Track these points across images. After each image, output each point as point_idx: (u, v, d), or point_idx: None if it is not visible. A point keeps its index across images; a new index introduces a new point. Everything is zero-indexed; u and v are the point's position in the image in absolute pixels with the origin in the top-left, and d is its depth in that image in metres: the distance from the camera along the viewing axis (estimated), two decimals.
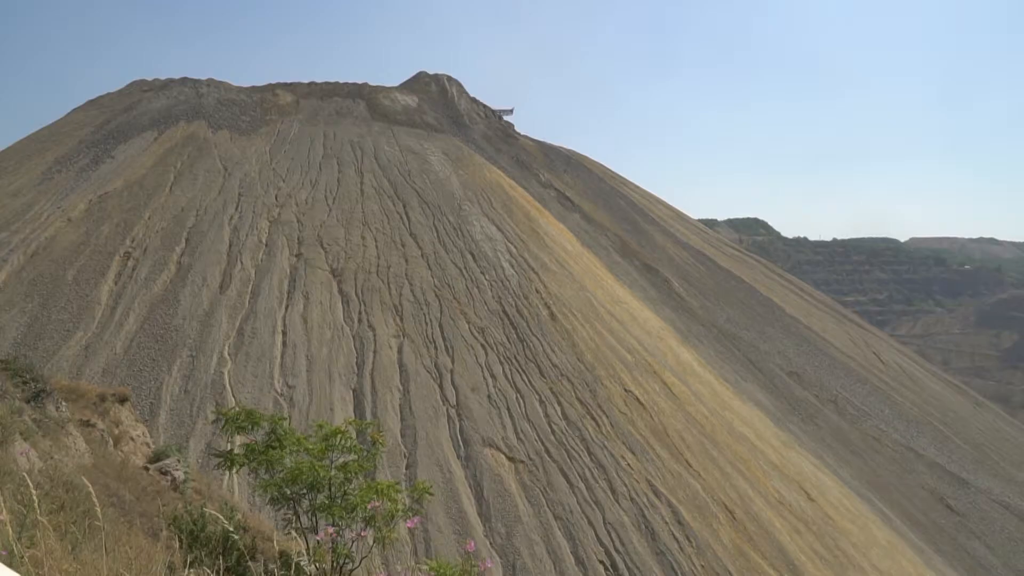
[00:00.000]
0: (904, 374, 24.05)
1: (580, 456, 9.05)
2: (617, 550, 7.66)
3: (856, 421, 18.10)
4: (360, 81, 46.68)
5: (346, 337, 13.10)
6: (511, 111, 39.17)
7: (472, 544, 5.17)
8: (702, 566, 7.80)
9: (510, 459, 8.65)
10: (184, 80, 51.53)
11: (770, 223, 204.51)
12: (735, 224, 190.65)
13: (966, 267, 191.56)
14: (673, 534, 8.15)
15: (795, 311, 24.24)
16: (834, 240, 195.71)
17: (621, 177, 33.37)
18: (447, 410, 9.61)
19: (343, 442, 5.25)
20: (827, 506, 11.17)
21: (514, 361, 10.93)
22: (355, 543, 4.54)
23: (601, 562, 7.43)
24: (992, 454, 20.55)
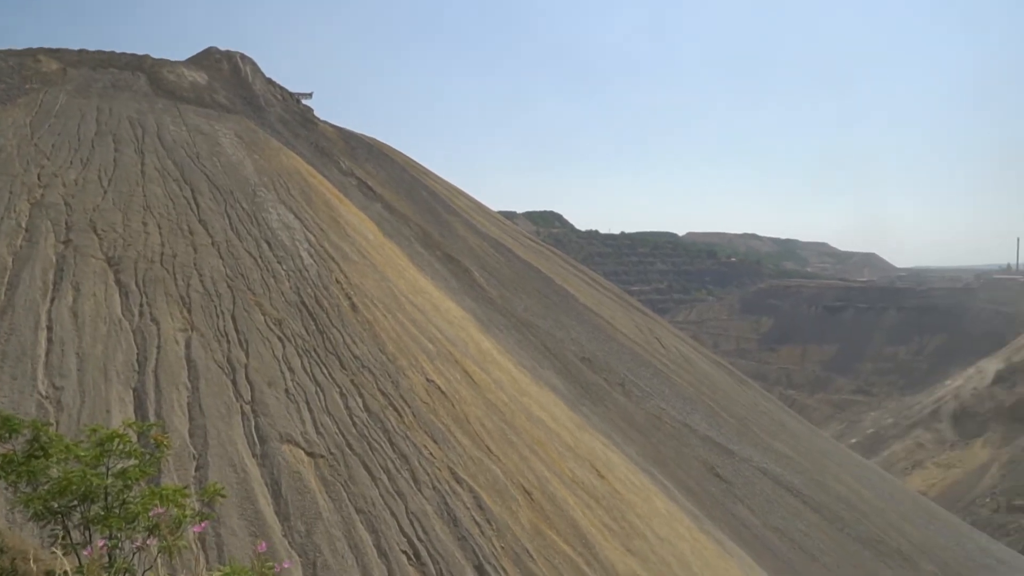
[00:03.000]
0: (681, 357, 26.23)
1: (382, 448, 8.97)
2: (420, 539, 7.69)
3: (640, 401, 19.50)
4: (141, 53, 42.77)
5: (125, 332, 12.00)
6: (310, 95, 37.80)
7: (263, 545, 4.96)
8: (502, 548, 8.05)
9: (309, 454, 8.38)
10: None
11: (565, 216, 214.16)
12: (533, 216, 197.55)
13: (733, 259, 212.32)
14: (475, 519, 8.33)
15: (588, 300, 25.62)
16: (622, 233, 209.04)
17: (423, 167, 33.42)
18: (241, 407, 9.12)
19: (121, 447, 4.81)
20: (615, 482, 11.96)
21: (313, 353, 10.60)
22: (136, 555, 4.19)
23: (404, 552, 7.42)
24: (753, 426, 23.00)
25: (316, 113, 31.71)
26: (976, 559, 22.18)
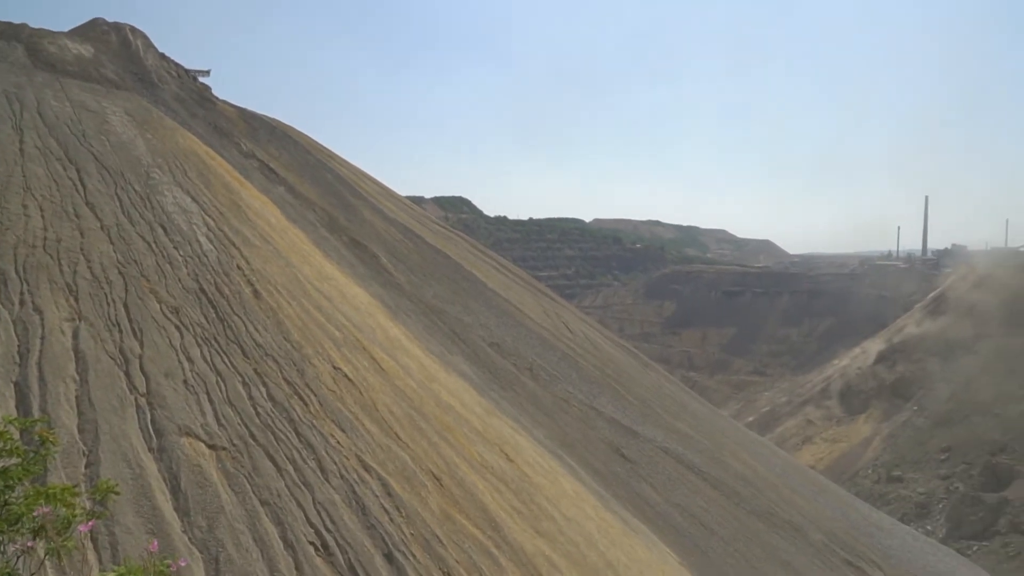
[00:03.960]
0: (588, 341, 26.73)
1: (288, 438, 8.75)
2: (328, 529, 7.56)
3: (548, 385, 19.78)
4: (17, 21, 39.81)
5: (4, 322, 11.23)
6: (208, 72, 36.17)
7: (155, 544, 4.72)
8: (411, 534, 8.01)
9: (210, 447, 8.08)
10: None
11: (474, 202, 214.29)
12: (441, 202, 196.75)
13: (637, 245, 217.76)
14: (384, 506, 8.26)
15: (496, 286, 25.72)
16: (530, 219, 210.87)
17: (328, 150, 32.62)
18: (136, 399, 8.69)
19: (1, 445, 4.51)
20: (524, 465, 12.10)
21: (214, 342, 10.20)
22: (21, 558, 3.95)
23: (311, 543, 7.28)
24: (656, 407, 23.71)
25: (214, 92, 30.46)
26: (859, 527, 23.59)
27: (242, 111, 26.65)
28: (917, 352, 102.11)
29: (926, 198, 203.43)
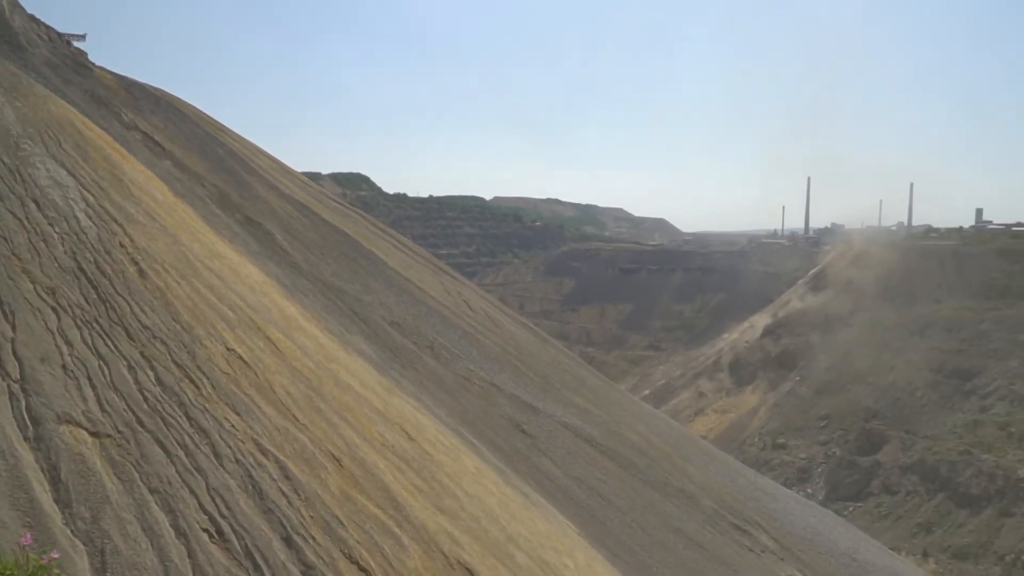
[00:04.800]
0: (489, 319, 26.89)
1: (179, 423, 8.40)
2: (223, 515, 7.34)
3: (449, 363, 19.81)
4: None
5: None
6: (83, 37, 33.89)
7: (28, 537, 4.44)
8: (311, 517, 7.89)
9: (93, 434, 7.67)
10: None
11: (372, 179, 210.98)
12: (339, 178, 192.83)
13: (537, 224, 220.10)
14: (281, 490, 8.08)
15: (396, 264, 25.45)
16: (430, 197, 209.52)
17: (219, 123, 31.25)
18: (8, 386, 8.13)
19: None
20: (425, 443, 12.10)
21: (95, 325, 9.65)
22: None
23: (205, 530, 7.05)
24: (556, 383, 24.16)
25: (91, 58, 28.57)
26: (746, 493, 24.84)
27: (122, 79, 25.16)
28: (800, 326, 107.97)
29: (808, 179, 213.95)
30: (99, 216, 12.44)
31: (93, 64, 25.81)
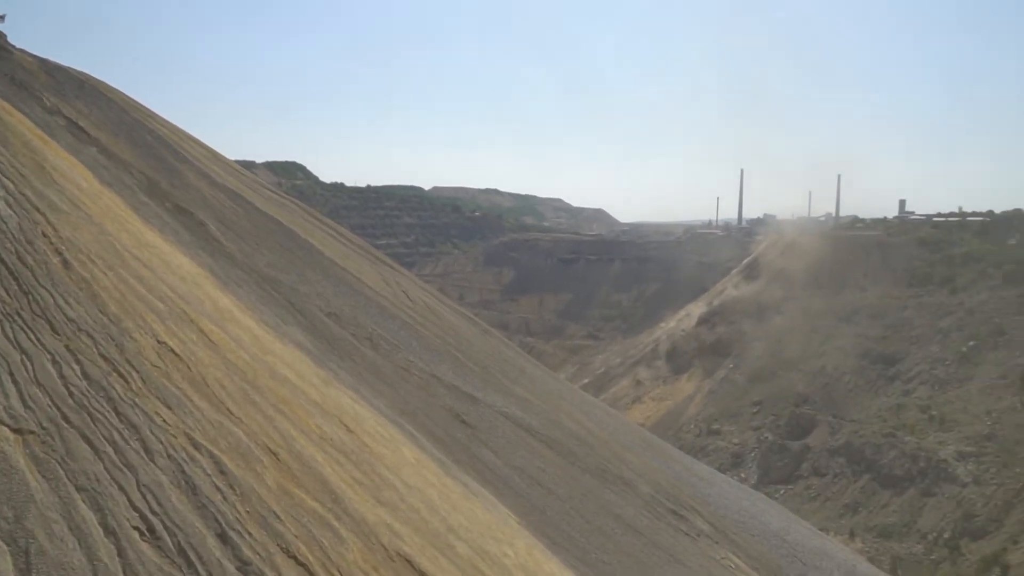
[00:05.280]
0: (428, 309, 26.78)
1: (107, 418, 8.13)
2: (154, 512, 7.14)
3: (388, 355, 19.66)
4: None
5: None
6: (2, 18, 32.34)
7: None
8: (247, 512, 7.74)
9: (16, 431, 7.35)
10: None
11: (309, 168, 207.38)
12: (274, 167, 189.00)
13: (477, 214, 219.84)
14: (216, 485, 7.91)
15: (333, 254, 25.10)
16: (368, 187, 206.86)
17: (147, 108, 30.18)
18: None
19: None
20: (364, 435, 12.01)
21: (17, 318, 9.24)
22: None
23: (136, 528, 6.85)
24: (496, 373, 24.24)
25: (10, 39, 27.26)
26: (682, 478, 25.40)
27: (44, 62, 24.10)
28: (734, 314, 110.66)
29: (741, 171, 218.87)
30: (20, 205, 11.93)
31: (12, 46, 24.62)
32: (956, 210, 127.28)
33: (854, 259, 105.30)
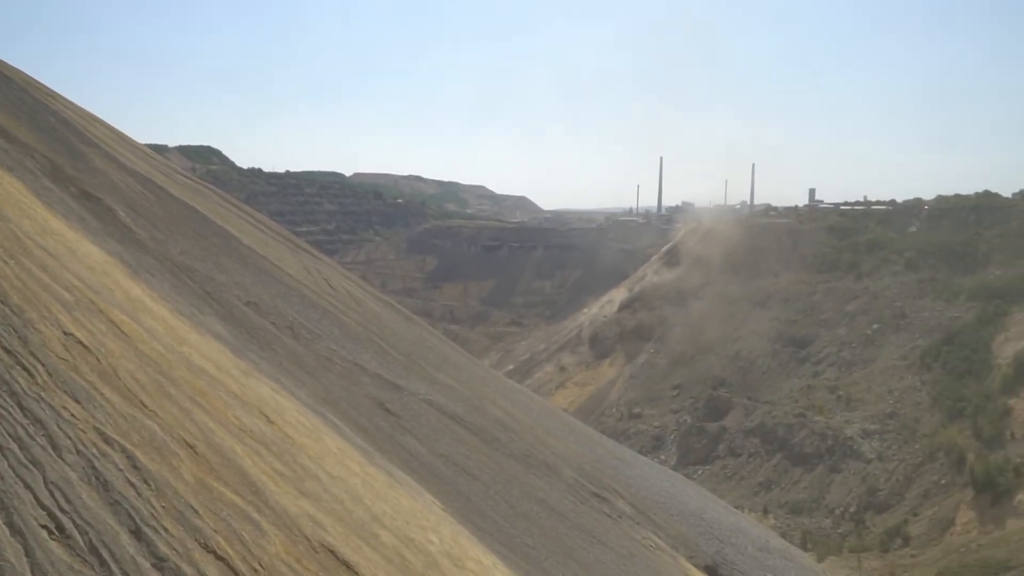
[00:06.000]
0: (351, 297, 26.44)
1: (11, 413, 7.73)
2: (63, 509, 6.86)
3: (310, 344, 19.33)
4: None
5: None
6: None
7: None
8: (163, 507, 7.52)
9: None
10: None
11: (224, 152, 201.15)
12: (187, 152, 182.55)
13: (399, 200, 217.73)
14: (129, 480, 7.65)
15: (251, 242, 24.45)
16: (287, 172, 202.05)
17: (50, 89, 28.64)
18: None
19: None
20: (286, 426, 11.80)
21: None
22: None
23: (44, 526, 6.56)
24: (420, 361, 24.15)
25: None
26: (605, 462, 25.94)
27: None
28: (655, 300, 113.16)
29: (661, 159, 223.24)
30: None
31: None
32: (862, 199, 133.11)
33: (768, 246, 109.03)
